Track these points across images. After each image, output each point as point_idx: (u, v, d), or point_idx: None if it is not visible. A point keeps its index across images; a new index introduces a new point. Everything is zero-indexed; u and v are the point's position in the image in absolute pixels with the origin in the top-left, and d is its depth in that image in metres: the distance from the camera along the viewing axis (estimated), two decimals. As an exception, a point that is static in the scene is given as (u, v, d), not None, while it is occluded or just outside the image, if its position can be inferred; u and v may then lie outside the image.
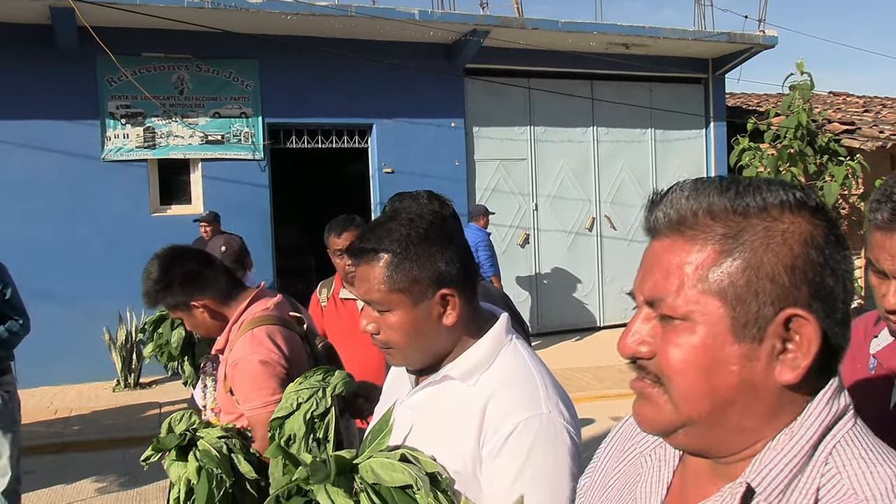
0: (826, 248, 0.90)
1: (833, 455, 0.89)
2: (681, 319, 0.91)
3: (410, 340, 1.58)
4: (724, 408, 0.90)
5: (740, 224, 0.90)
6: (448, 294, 1.57)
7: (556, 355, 9.70)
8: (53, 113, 8.65)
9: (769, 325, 0.88)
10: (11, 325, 4.25)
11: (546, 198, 11.11)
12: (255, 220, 9.41)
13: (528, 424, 1.46)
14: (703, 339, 0.89)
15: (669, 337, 0.92)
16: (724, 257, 0.89)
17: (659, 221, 0.96)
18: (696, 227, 0.92)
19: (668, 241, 0.94)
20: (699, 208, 0.92)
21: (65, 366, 8.43)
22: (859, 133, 11.17)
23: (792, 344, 0.89)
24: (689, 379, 0.90)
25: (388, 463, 1.48)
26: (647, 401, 0.96)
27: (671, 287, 0.92)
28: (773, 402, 0.90)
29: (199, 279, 2.59)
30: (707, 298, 0.90)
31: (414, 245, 1.56)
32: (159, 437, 2.28)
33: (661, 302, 0.92)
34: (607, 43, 10.64)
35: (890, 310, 1.52)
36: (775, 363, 0.89)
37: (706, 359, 0.89)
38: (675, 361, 0.91)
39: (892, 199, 1.45)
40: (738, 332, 0.88)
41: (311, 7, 8.87)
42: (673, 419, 0.93)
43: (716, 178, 0.95)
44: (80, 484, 5.88)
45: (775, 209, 0.90)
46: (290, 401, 2.05)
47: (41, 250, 8.41)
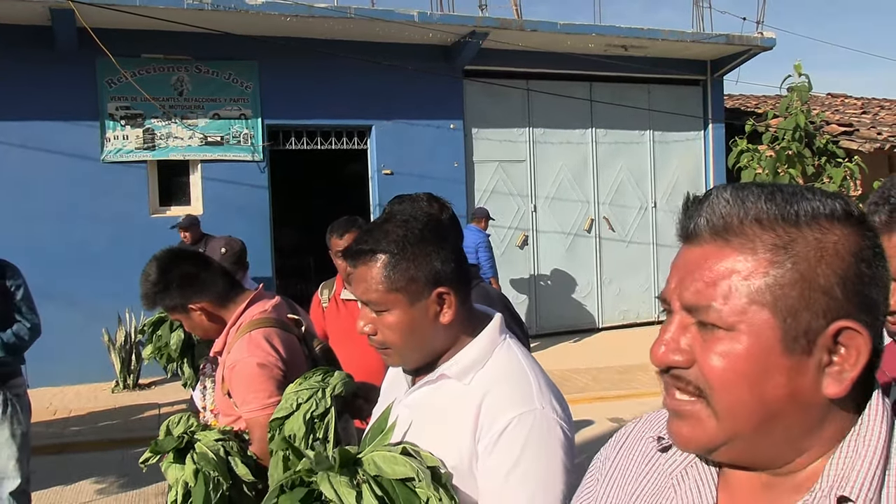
0: (873, 261, 0.89)
1: None
2: (725, 329, 0.88)
3: (408, 340, 1.61)
4: (770, 421, 0.89)
5: (791, 234, 0.88)
6: (444, 292, 1.60)
7: (554, 356, 9.71)
8: (53, 114, 8.66)
9: (819, 337, 0.87)
10: (20, 329, 4.23)
11: (545, 199, 11.13)
12: (255, 222, 9.42)
13: (522, 420, 1.49)
14: (749, 350, 0.87)
15: (711, 346, 0.89)
16: (776, 268, 0.87)
17: (700, 227, 0.93)
18: (744, 234, 0.89)
19: (712, 248, 0.91)
20: (745, 216, 0.90)
21: (64, 367, 8.43)
22: (857, 135, 11.20)
23: (837, 356, 0.87)
24: (736, 389, 0.88)
25: (391, 456, 1.51)
26: (686, 419, 0.93)
27: (717, 295, 0.89)
28: (818, 415, 0.89)
29: (196, 282, 2.60)
30: (756, 309, 0.87)
31: (410, 245, 1.59)
32: (157, 440, 2.29)
33: (707, 310, 0.89)
34: (606, 44, 10.66)
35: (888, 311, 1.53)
36: (821, 376, 0.88)
37: (754, 369, 0.87)
38: (720, 370, 0.88)
39: (890, 201, 1.46)
40: (789, 344, 0.87)
41: (311, 9, 8.88)
42: (717, 435, 0.91)
43: (758, 186, 0.92)
44: (79, 485, 5.89)
45: (825, 219, 0.89)
46: (290, 401, 2.07)
47: (41, 251, 8.41)
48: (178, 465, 2.23)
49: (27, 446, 4.36)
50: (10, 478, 4.25)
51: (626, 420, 1.22)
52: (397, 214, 1.67)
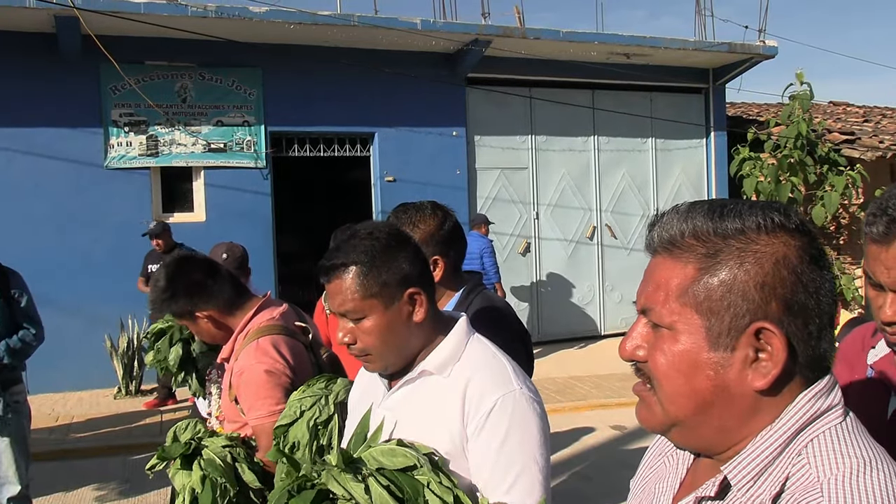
0: (799, 267, 0.98)
1: (808, 447, 0.97)
2: (667, 328, 1.02)
3: (387, 342, 1.71)
4: (704, 409, 1.01)
5: (718, 245, 1.00)
6: (415, 293, 1.73)
7: (556, 364, 9.71)
8: (57, 120, 8.69)
9: (741, 336, 0.98)
10: (24, 335, 4.26)
11: (547, 206, 11.14)
12: (258, 228, 9.43)
13: (504, 400, 1.66)
14: (684, 347, 1.01)
15: (658, 343, 1.04)
16: (703, 274, 1.00)
17: (654, 241, 1.08)
18: (683, 247, 1.03)
19: (660, 259, 1.06)
20: (686, 230, 1.03)
21: (66, 373, 8.44)
22: (859, 143, 11.20)
23: (764, 353, 0.98)
24: (673, 382, 1.02)
25: (388, 449, 1.58)
26: (643, 403, 1.08)
27: (659, 299, 1.04)
28: (748, 405, 1.00)
29: (204, 289, 2.61)
30: (687, 310, 1.01)
31: (379, 253, 1.71)
32: (164, 446, 2.29)
33: (651, 311, 1.05)
34: (608, 53, 10.68)
35: (886, 322, 1.53)
36: (748, 370, 0.98)
37: (686, 364, 1.01)
38: (661, 365, 1.03)
39: (888, 212, 1.47)
40: (713, 341, 0.99)
41: (314, 16, 8.91)
42: (663, 419, 1.05)
43: (707, 202, 1.06)
44: (80, 491, 5.89)
45: (752, 231, 1.00)
46: (294, 409, 2.08)
47: (44, 257, 8.43)
48: (185, 471, 2.23)
49: (27, 452, 4.36)
50: (10, 483, 4.26)
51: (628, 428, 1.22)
52: (360, 230, 1.78)
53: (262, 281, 7.96)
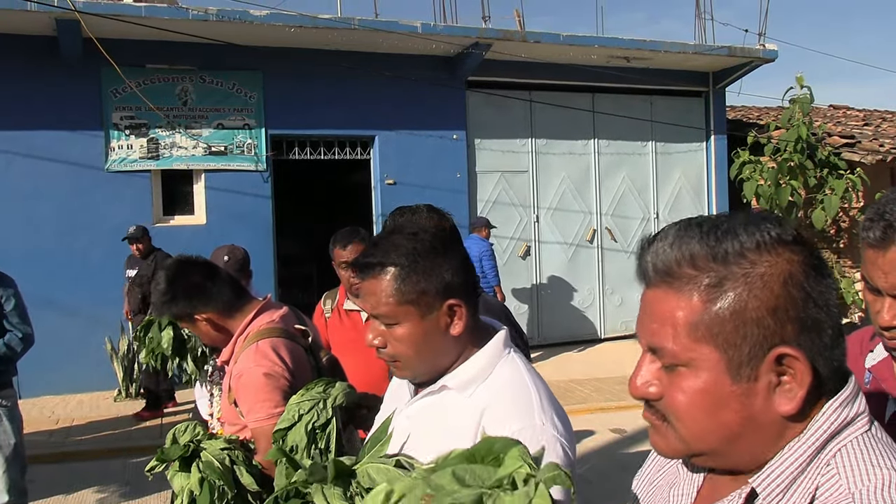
0: (806, 283, 0.95)
1: (837, 457, 0.95)
2: (683, 366, 0.98)
3: (419, 352, 1.59)
4: (732, 440, 0.98)
5: (721, 273, 0.96)
6: (455, 304, 1.59)
7: (556, 367, 9.71)
8: (58, 123, 8.70)
9: (761, 364, 0.94)
10: (10, 339, 4.20)
11: (547, 210, 11.14)
12: (258, 231, 9.44)
13: (520, 435, 1.43)
14: (704, 384, 0.96)
15: (675, 382, 0.99)
16: (711, 305, 0.95)
17: (648, 272, 1.02)
18: (682, 277, 0.98)
19: (659, 292, 1.00)
20: (682, 258, 0.98)
21: (66, 375, 8.45)
22: (859, 146, 11.21)
23: (786, 376, 0.95)
24: (697, 420, 0.98)
25: (384, 468, 1.51)
26: (658, 433, 1.04)
27: (667, 336, 0.98)
28: (777, 429, 0.97)
29: (203, 292, 2.61)
30: (701, 345, 0.96)
31: (421, 257, 1.57)
32: (163, 448, 2.29)
33: (662, 350, 0.99)
34: (608, 56, 10.69)
35: (884, 326, 1.54)
36: (773, 396, 0.96)
37: (709, 401, 0.96)
38: (682, 405, 0.98)
39: (885, 217, 1.47)
40: (734, 373, 0.95)
41: (315, 20, 8.92)
42: (684, 450, 1.01)
43: (697, 222, 1.01)
44: (80, 494, 5.89)
45: (752, 252, 0.96)
46: (292, 412, 2.07)
47: (44, 259, 8.44)
48: (183, 473, 2.23)
49: (19, 458, 4.31)
50: (0, 490, 4.23)
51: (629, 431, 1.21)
52: (405, 226, 1.66)
53: (262, 283, 7.95)
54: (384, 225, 2.53)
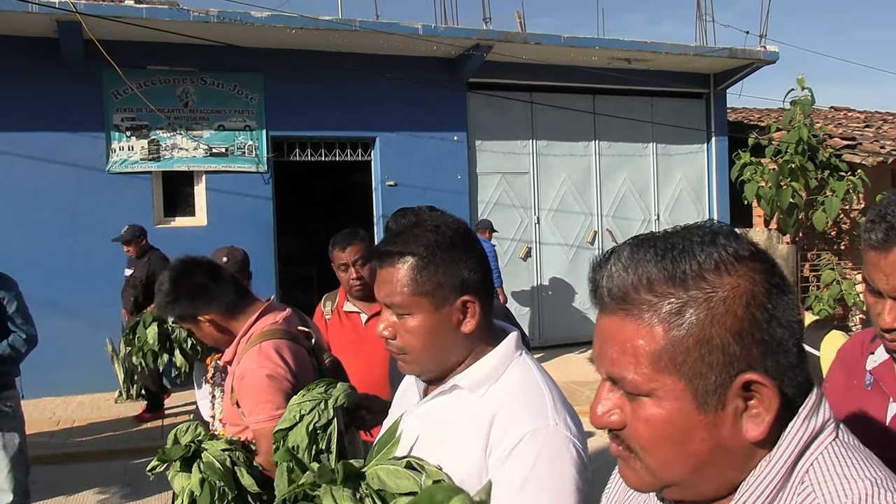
0: (769, 302, 0.92)
1: (810, 473, 0.92)
2: (645, 396, 0.93)
3: (428, 346, 1.58)
4: (701, 469, 0.94)
5: (681, 298, 0.91)
6: (469, 301, 1.58)
7: (557, 368, 9.70)
8: (59, 125, 8.71)
9: (728, 391, 0.91)
10: (15, 340, 4.21)
11: (548, 211, 11.14)
12: (259, 232, 9.44)
13: (534, 436, 1.46)
14: (669, 414, 0.92)
15: (637, 412, 0.95)
16: (673, 333, 0.91)
17: (603, 297, 0.97)
18: (641, 304, 0.93)
19: (616, 320, 0.95)
20: (639, 283, 0.93)
21: (67, 376, 8.45)
22: (860, 148, 11.20)
23: (753, 401, 0.92)
24: (663, 450, 0.94)
25: (394, 470, 1.50)
26: (626, 465, 0.99)
27: (628, 366, 0.94)
28: (745, 455, 0.94)
29: (206, 293, 2.61)
30: (664, 376, 0.92)
31: (440, 250, 1.57)
32: (165, 448, 2.29)
33: (623, 381, 0.95)
34: (609, 58, 10.70)
35: (885, 328, 1.54)
36: (740, 421, 0.92)
37: (675, 431, 0.92)
38: (647, 435, 0.94)
39: (886, 219, 1.47)
40: (701, 402, 0.91)
41: (316, 21, 8.92)
42: (653, 482, 0.97)
43: (651, 240, 0.96)
44: (81, 495, 5.89)
45: (711, 273, 0.92)
46: (293, 413, 2.06)
47: (45, 261, 8.44)
48: (184, 473, 2.23)
49: (22, 458, 4.31)
50: (3, 490, 4.23)
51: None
52: (428, 219, 1.64)
53: (263, 284, 7.96)
54: (386, 226, 2.53)
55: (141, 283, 7.63)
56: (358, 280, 3.63)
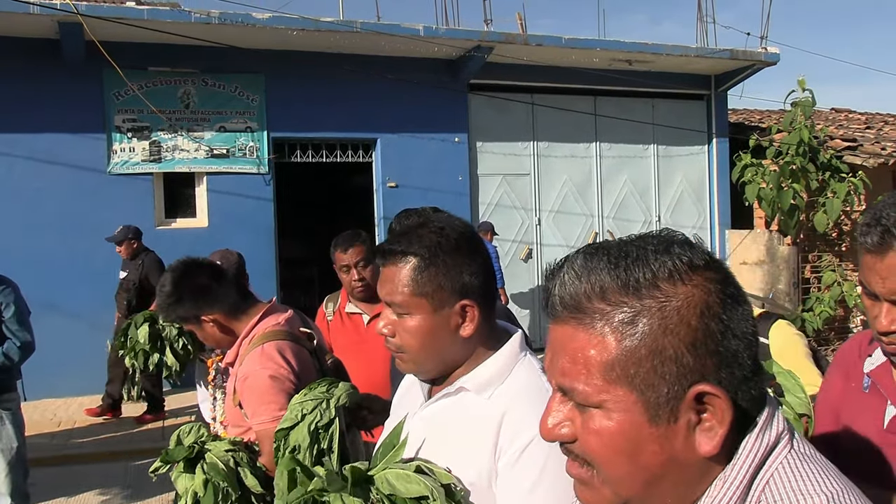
0: (724, 313, 0.90)
1: (766, 492, 0.90)
2: (595, 407, 0.91)
3: (425, 346, 1.59)
4: (654, 483, 0.91)
5: (634, 307, 0.89)
6: (468, 305, 1.58)
7: (558, 370, 9.70)
8: (60, 126, 8.71)
9: (681, 403, 0.89)
10: (9, 348, 4.16)
11: (549, 213, 11.15)
12: (260, 234, 9.45)
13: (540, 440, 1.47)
14: (620, 426, 0.90)
15: (588, 425, 0.93)
16: (625, 343, 0.89)
17: (556, 306, 0.95)
18: (593, 313, 0.91)
19: (568, 329, 0.93)
20: (591, 291, 0.92)
21: (68, 378, 8.44)
22: (861, 150, 11.20)
23: (706, 413, 0.90)
24: (616, 464, 0.91)
25: (404, 474, 1.50)
26: (586, 486, 0.96)
27: (579, 377, 0.92)
28: (700, 469, 0.91)
29: (209, 293, 2.61)
30: (615, 387, 0.90)
31: (443, 252, 1.57)
32: (168, 449, 2.30)
33: (574, 392, 0.93)
34: (610, 59, 10.70)
35: (882, 331, 1.54)
36: (693, 434, 0.90)
37: (627, 444, 0.90)
38: (597, 448, 0.92)
39: (881, 222, 1.47)
40: (652, 415, 0.89)
41: (317, 23, 8.93)
42: (613, 500, 0.94)
43: (605, 248, 0.94)
44: (82, 497, 5.89)
45: (665, 282, 0.90)
46: (295, 412, 2.06)
47: (46, 262, 8.44)
48: (187, 474, 2.23)
49: (20, 461, 4.30)
50: (1, 493, 4.21)
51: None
52: (433, 220, 1.65)
53: (264, 286, 7.96)
54: (390, 227, 2.54)
55: (134, 286, 7.53)
56: (360, 281, 3.64)
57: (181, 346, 3.65)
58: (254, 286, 4.59)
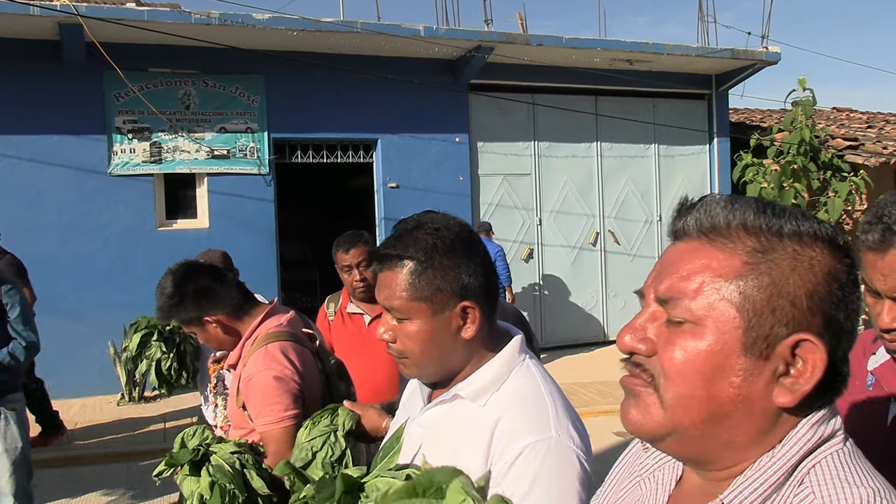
0: (846, 286, 0.91)
1: (810, 475, 0.90)
2: (692, 323, 0.91)
3: (427, 351, 1.56)
4: (717, 419, 0.90)
5: (772, 242, 0.91)
6: (469, 307, 1.55)
7: (559, 370, 9.70)
8: (61, 127, 8.72)
9: (779, 344, 0.89)
10: (15, 348, 4.18)
11: (550, 213, 11.15)
12: (261, 235, 9.45)
13: (535, 448, 1.44)
14: (710, 346, 0.89)
15: (675, 339, 0.92)
16: (750, 270, 0.90)
17: (689, 226, 0.96)
18: (728, 236, 0.92)
19: (695, 244, 0.95)
20: (734, 220, 0.93)
21: (69, 379, 8.44)
22: (863, 149, 11.20)
23: (794, 369, 0.89)
24: (689, 382, 0.90)
25: (393, 483, 1.49)
26: (636, 400, 0.95)
27: (689, 289, 0.92)
28: (765, 422, 0.91)
29: (212, 294, 2.60)
30: (724, 306, 0.90)
31: (439, 255, 1.54)
32: (172, 452, 2.28)
33: (677, 302, 0.92)
34: (611, 59, 10.70)
35: (884, 329, 1.55)
36: (774, 384, 0.89)
37: (710, 365, 0.89)
38: (678, 362, 0.91)
39: (883, 220, 1.49)
40: (748, 345, 0.89)
41: (317, 23, 8.93)
42: (663, 424, 0.93)
43: (754, 199, 0.96)
44: (84, 498, 5.89)
45: (808, 237, 0.91)
46: (305, 452, 2.00)
47: (47, 264, 8.44)
48: (193, 477, 2.21)
49: (24, 462, 4.30)
50: (5, 494, 4.22)
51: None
52: (429, 222, 1.61)
53: (265, 287, 7.96)
54: (396, 228, 2.53)
55: None
56: (361, 282, 3.65)
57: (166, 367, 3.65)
58: (254, 287, 4.60)
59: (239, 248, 7.56)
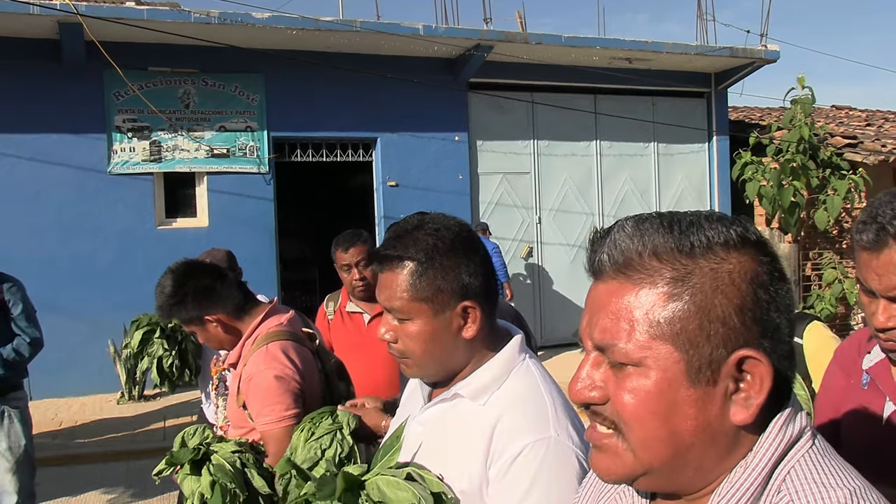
0: (771, 285, 0.90)
1: (787, 482, 0.89)
2: (634, 365, 0.90)
3: (428, 351, 1.56)
4: (683, 452, 0.90)
5: (688, 266, 0.89)
6: (470, 306, 1.55)
7: (558, 368, 9.70)
8: (60, 126, 8.72)
9: (722, 366, 0.88)
10: (19, 344, 4.19)
11: (549, 211, 11.15)
12: (260, 234, 9.46)
13: (534, 448, 1.44)
14: (657, 385, 0.89)
15: (622, 383, 0.91)
16: (674, 301, 0.88)
17: (604, 263, 0.94)
18: (643, 269, 0.90)
19: (614, 284, 0.92)
20: (644, 249, 0.91)
21: (70, 378, 8.46)
22: (862, 147, 11.20)
23: (744, 383, 0.89)
24: (648, 425, 0.89)
25: (394, 481, 1.49)
26: (604, 452, 0.94)
27: (621, 332, 0.90)
28: (729, 441, 0.90)
29: (212, 293, 2.61)
30: (659, 343, 0.89)
31: (440, 255, 1.54)
32: (173, 451, 2.28)
33: (613, 348, 0.91)
34: (610, 57, 10.70)
35: (879, 328, 1.56)
36: (729, 404, 0.89)
37: (663, 404, 0.89)
38: (630, 407, 0.90)
39: (877, 220, 1.49)
40: (693, 376, 0.88)
41: (317, 22, 8.94)
42: (633, 467, 0.92)
43: (657, 216, 0.94)
44: (85, 496, 5.90)
45: (720, 248, 0.90)
46: (314, 451, 1.99)
47: (47, 263, 8.45)
48: (194, 476, 2.21)
49: (28, 460, 4.30)
50: (8, 492, 4.22)
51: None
52: (428, 222, 1.61)
53: (264, 286, 7.97)
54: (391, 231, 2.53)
55: None
56: (361, 281, 3.65)
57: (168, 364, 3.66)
58: (254, 286, 4.61)
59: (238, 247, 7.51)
